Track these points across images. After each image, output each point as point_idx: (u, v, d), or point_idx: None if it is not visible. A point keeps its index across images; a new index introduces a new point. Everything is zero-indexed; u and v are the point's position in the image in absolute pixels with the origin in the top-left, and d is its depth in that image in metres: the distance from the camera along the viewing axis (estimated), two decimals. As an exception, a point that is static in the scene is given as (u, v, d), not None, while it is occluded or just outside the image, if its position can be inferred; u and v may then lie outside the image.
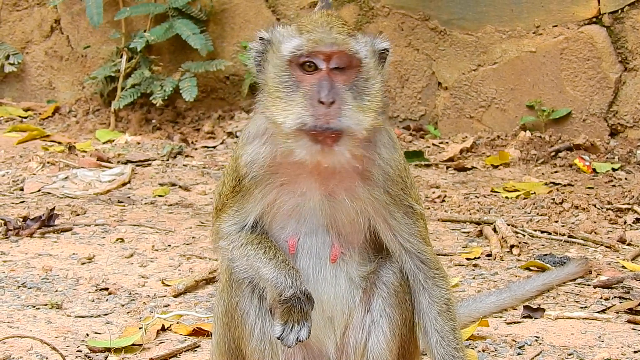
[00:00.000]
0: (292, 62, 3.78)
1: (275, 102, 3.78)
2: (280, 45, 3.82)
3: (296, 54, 3.77)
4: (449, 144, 9.50)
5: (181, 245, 6.85)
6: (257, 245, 3.95)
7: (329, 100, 3.71)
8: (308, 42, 3.76)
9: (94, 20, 10.03)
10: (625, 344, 5.23)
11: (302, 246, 3.99)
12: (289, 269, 3.89)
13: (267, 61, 3.86)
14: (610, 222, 7.37)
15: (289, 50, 3.78)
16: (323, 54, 3.76)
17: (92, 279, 6.14)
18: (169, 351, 5.10)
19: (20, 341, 5.11)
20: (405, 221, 4.00)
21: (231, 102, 10.42)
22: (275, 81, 3.79)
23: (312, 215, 3.95)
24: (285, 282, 3.86)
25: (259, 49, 3.90)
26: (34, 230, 6.96)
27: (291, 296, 3.86)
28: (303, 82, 3.76)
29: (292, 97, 3.75)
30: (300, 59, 3.77)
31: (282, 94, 3.77)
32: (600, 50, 9.23)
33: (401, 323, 4.03)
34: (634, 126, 9.24)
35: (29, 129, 9.96)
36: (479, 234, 7.10)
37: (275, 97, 3.78)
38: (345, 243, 4.02)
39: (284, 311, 3.87)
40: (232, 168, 4.00)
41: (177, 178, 8.62)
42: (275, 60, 3.82)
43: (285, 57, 3.79)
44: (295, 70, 3.78)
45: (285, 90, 3.77)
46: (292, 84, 3.77)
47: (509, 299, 5.71)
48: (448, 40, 9.69)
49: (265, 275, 3.90)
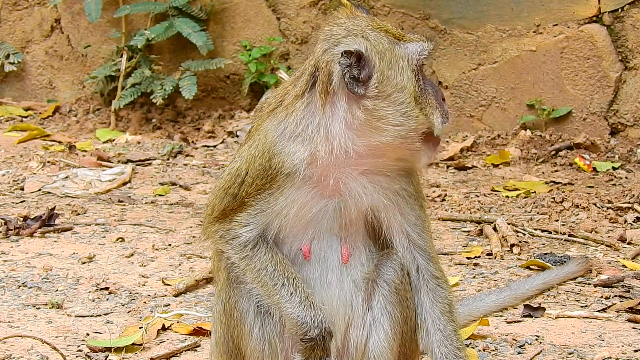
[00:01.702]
0: (418, 65, 3.92)
1: (421, 106, 3.90)
2: (400, 51, 3.91)
3: (424, 56, 3.93)
4: (449, 142, 9.50)
5: (181, 245, 6.86)
6: (273, 274, 3.91)
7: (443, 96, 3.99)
8: (427, 43, 3.95)
9: (92, 16, 10.02)
10: (626, 343, 5.23)
11: (313, 252, 3.99)
12: (313, 307, 3.88)
13: (380, 71, 3.86)
14: (611, 221, 7.37)
15: (419, 54, 3.92)
16: (431, 55, 3.97)
17: (93, 279, 6.14)
18: (169, 350, 5.10)
19: (20, 341, 5.11)
20: (420, 214, 4.06)
21: (231, 101, 10.42)
22: (413, 86, 3.89)
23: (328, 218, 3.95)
24: (311, 323, 3.86)
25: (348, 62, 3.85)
26: (34, 229, 6.96)
27: (317, 336, 3.86)
28: (425, 83, 3.94)
29: (428, 99, 3.93)
30: (423, 61, 3.94)
31: (422, 98, 3.91)
32: (601, 49, 9.23)
33: (402, 321, 4.03)
34: (635, 125, 9.23)
35: (29, 129, 9.96)
36: (480, 233, 7.10)
37: (419, 101, 3.90)
38: (353, 244, 4.02)
39: (307, 349, 3.88)
40: (264, 165, 3.90)
41: (177, 177, 8.62)
42: (402, 66, 3.90)
43: (416, 60, 3.91)
44: (419, 74, 3.93)
45: (422, 93, 3.92)
46: (422, 87, 3.93)
47: (509, 298, 5.71)
48: (448, 39, 9.69)
49: (287, 312, 3.89)
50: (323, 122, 3.87)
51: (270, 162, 3.89)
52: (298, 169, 3.87)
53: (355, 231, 4.02)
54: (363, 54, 3.84)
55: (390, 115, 3.86)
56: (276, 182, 3.89)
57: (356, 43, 3.86)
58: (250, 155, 3.96)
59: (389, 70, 3.87)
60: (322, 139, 3.86)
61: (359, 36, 3.88)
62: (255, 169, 3.92)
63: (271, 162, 3.89)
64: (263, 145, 3.93)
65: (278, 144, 3.90)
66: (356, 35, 3.88)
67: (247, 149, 3.99)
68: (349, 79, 3.82)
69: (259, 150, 3.94)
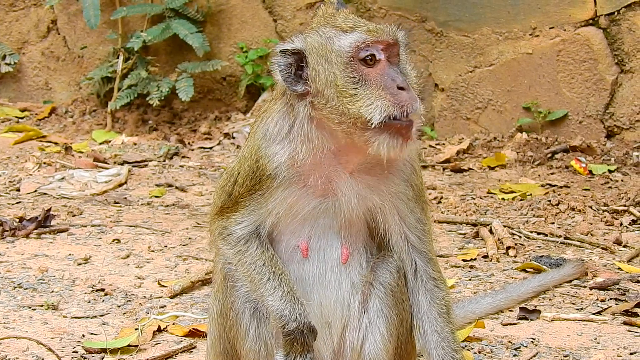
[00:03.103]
0: (354, 57, 3.77)
1: (350, 100, 3.74)
2: (333, 45, 3.79)
3: (360, 47, 3.76)
4: (445, 145, 9.51)
5: (177, 246, 6.85)
6: (261, 268, 3.91)
7: (405, 85, 3.75)
8: (368, 34, 3.77)
9: (91, 22, 10.02)
10: (621, 346, 5.24)
11: (311, 249, 3.98)
12: (294, 301, 3.87)
13: (312, 67, 3.81)
14: (607, 223, 7.38)
15: (350, 46, 3.77)
16: (382, 44, 3.77)
17: (88, 280, 6.14)
18: (165, 352, 5.09)
19: (16, 342, 5.10)
20: (421, 217, 4.01)
21: (228, 103, 10.42)
22: (342, 80, 3.76)
23: (326, 217, 3.94)
24: (289, 316, 3.86)
25: (286, 61, 3.83)
26: (30, 230, 6.95)
27: (294, 329, 3.86)
28: (369, 75, 3.76)
29: (366, 91, 3.75)
30: (361, 53, 3.76)
31: (354, 91, 3.75)
32: (597, 52, 9.24)
33: (398, 323, 4.03)
34: (630, 128, 9.24)
35: (26, 130, 9.95)
36: (475, 236, 7.10)
37: (348, 95, 3.75)
38: (353, 244, 4.01)
39: (287, 342, 3.88)
40: (252, 167, 3.92)
41: (173, 179, 8.61)
42: (332, 60, 3.78)
43: (347, 53, 3.76)
44: (358, 66, 3.76)
45: (355, 86, 3.75)
46: (360, 79, 3.76)
47: (505, 301, 5.71)
48: (445, 41, 9.69)
49: (269, 305, 3.89)
50: (297, 122, 3.87)
51: (258, 164, 3.92)
52: (280, 171, 3.88)
53: (356, 232, 4.01)
54: (302, 51, 3.82)
55: (328, 112, 3.80)
56: (265, 183, 3.91)
57: (295, 41, 3.84)
58: (242, 156, 4.01)
59: (318, 65, 3.81)
60: (302, 140, 3.86)
61: (302, 34, 3.86)
62: (245, 170, 3.96)
63: (258, 163, 3.92)
64: (251, 148, 3.97)
65: (262, 146, 3.92)
66: (301, 33, 3.87)
67: (241, 150, 4.05)
68: (286, 78, 3.82)
69: (248, 152, 3.98)
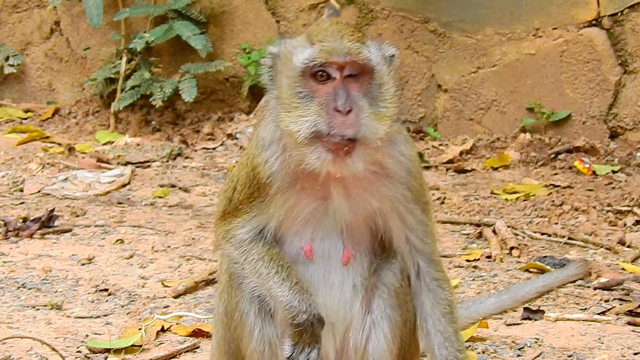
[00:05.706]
0: (304, 72, 3.73)
1: (290, 112, 3.73)
2: (292, 57, 3.77)
3: (309, 65, 3.72)
4: (448, 145, 9.51)
5: (181, 247, 6.85)
6: (269, 263, 3.91)
7: (346, 108, 3.66)
8: (320, 52, 3.71)
9: (94, 21, 10.03)
10: (625, 346, 5.23)
11: (315, 251, 3.98)
12: (302, 293, 3.86)
13: (279, 73, 3.81)
14: (610, 224, 7.37)
15: (301, 62, 3.73)
16: (336, 64, 3.71)
17: (92, 280, 6.14)
18: (168, 352, 5.09)
19: (20, 342, 5.10)
20: (422, 218, 3.99)
21: (231, 103, 10.42)
22: (288, 92, 3.75)
23: (328, 219, 3.93)
24: (299, 307, 3.85)
25: (269, 63, 3.86)
26: (34, 231, 6.95)
27: (305, 320, 3.85)
28: (317, 91, 3.72)
29: (307, 106, 3.70)
30: (313, 69, 3.72)
31: (296, 105, 3.72)
32: (600, 52, 9.24)
33: (401, 324, 4.02)
34: (634, 128, 9.24)
35: (29, 131, 9.96)
36: (479, 236, 7.10)
37: (289, 107, 3.73)
38: (356, 246, 4.01)
39: (295, 334, 3.87)
40: (249, 175, 3.92)
41: (176, 179, 8.62)
42: (288, 71, 3.77)
43: (297, 68, 3.74)
44: (309, 81, 3.74)
45: (299, 100, 3.72)
46: (306, 95, 3.72)
47: (508, 301, 5.71)
48: (448, 42, 9.69)
49: (278, 297, 3.88)
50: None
51: (254, 172, 3.92)
52: (275, 179, 3.87)
53: (359, 234, 4.00)
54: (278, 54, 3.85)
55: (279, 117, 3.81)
56: (263, 190, 3.90)
57: (278, 45, 3.86)
58: (241, 163, 4.03)
59: (280, 74, 3.82)
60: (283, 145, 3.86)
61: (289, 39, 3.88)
62: (242, 178, 3.97)
63: (254, 172, 3.92)
64: (248, 155, 3.98)
65: (257, 153, 3.92)
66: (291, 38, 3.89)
67: (242, 156, 4.06)
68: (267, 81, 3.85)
69: (245, 159, 3.99)
